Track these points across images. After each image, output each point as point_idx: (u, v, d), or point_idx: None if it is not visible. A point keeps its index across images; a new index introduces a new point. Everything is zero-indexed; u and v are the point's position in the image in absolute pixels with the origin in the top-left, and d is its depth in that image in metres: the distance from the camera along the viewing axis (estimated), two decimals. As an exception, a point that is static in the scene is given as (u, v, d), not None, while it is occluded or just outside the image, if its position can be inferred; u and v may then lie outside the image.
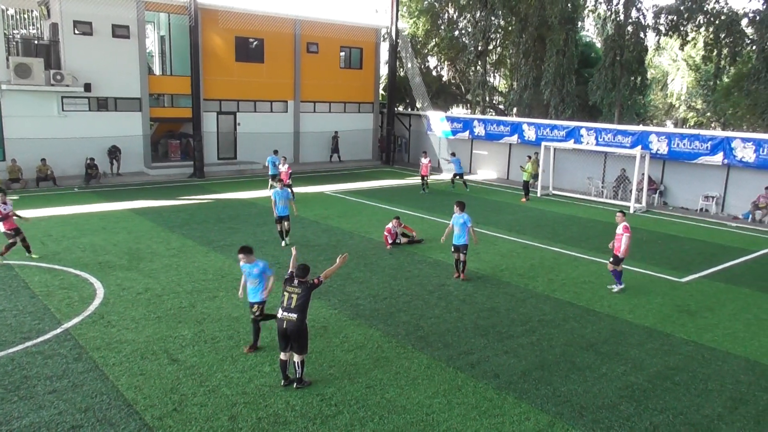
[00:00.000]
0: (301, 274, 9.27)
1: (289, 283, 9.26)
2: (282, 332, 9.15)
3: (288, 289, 9.19)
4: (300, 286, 9.19)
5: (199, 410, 8.68)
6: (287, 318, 9.06)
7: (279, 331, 9.20)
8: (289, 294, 9.14)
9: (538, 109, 43.80)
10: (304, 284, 9.22)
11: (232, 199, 25.57)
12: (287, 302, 9.10)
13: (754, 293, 14.86)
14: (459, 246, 14.95)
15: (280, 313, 9.13)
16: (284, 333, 9.13)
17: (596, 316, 12.91)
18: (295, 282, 9.21)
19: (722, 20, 36.21)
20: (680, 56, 56.12)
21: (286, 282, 9.34)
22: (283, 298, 9.17)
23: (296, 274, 9.30)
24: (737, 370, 10.48)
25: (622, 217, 14.71)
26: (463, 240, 14.90)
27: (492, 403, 9.12)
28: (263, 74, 35.52)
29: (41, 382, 9.32)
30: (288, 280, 9.33)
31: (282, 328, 9.11)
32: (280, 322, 9.12)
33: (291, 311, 9.08)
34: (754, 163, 24.39)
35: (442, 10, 50.64)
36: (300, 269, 9.30)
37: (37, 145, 28.04)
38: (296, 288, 9.16)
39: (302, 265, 9.37)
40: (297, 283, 9.19)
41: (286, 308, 9.10)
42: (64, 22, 28.61)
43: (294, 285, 9.19)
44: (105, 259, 16.09)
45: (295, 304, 9.07)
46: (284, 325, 9.07)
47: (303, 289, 9.17)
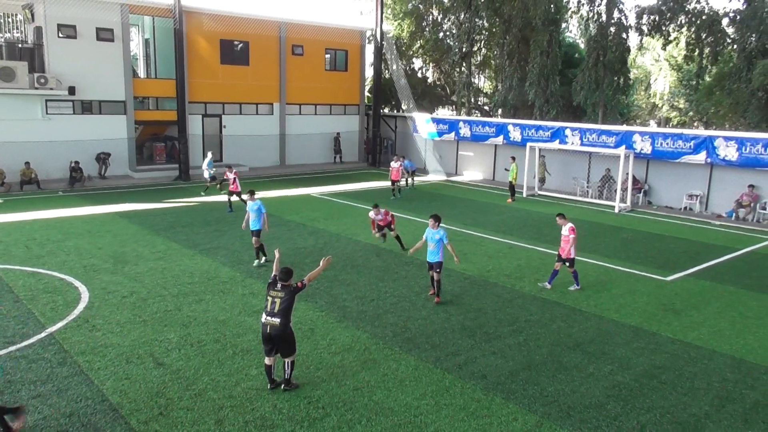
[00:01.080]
0: (284, 278, 9.14)
1: (273, 287, 9.11)
2: (266, 337, 9.02)
3: (271, 294, 9.04)
4: (283, 289, 9.04)
5: (185, 414, 8.62)
6: (271, 323, 8.91)
7: (263, 335, 9.07)
8: (272, 298, 8.98)
9: (523, 110, 43.97)
10: (288, 288, 9.08)
11: (218, 201, 25.44)
12: (270, 306, 8.95)
13: (739, 291, 14.97)
14: (432, 264, 13.53)
15: (264, 318, 8.97)
16: (268, 337, 9.01)
17: (583, 316, 12.96)
18: (278, 286, 9.07)
19: (703, 20, 36.52)
20: (662, 56, 56.59)
21: (269, 286, 9.20)
22: (267, 303, 9.01)
23: (279, 277, 9.18)
24: (723, 368, 10.55)
25: (563, 219, 14.71)
26: (437, 257, 13.41)
27: (480, 404, 9.13)
28: (248, 77, 35.42)
29: (25, 387, 9.23)
30: (271, 284, 9.18)
31: (266, 333, 8.98)
32: (264, 327, 8.98)
33: (274, 315, 8.92)
34: (736, 162, 24.59)
35: (427, 12, 50.71)
36: (283, 272, 9.17)
37: (21, 148, 27.81)
38: (279, 292, 9.00)
39: (285, 268, 9.25)
40: (280, 287, 9.05)
41: (270, 313, 8.94)
42: (48, 25, 28.41)
43: (277, 289, 9.04)
44: (90, 262, 15.97)
45: (278, 308, 8.92)
46: (268, 330, 8.94)
47: (286, 293, 9.01)
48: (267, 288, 9.18)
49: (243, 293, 13.85)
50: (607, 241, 20.02)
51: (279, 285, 9.04)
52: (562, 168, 30.80)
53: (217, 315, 12.45)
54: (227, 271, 15.57)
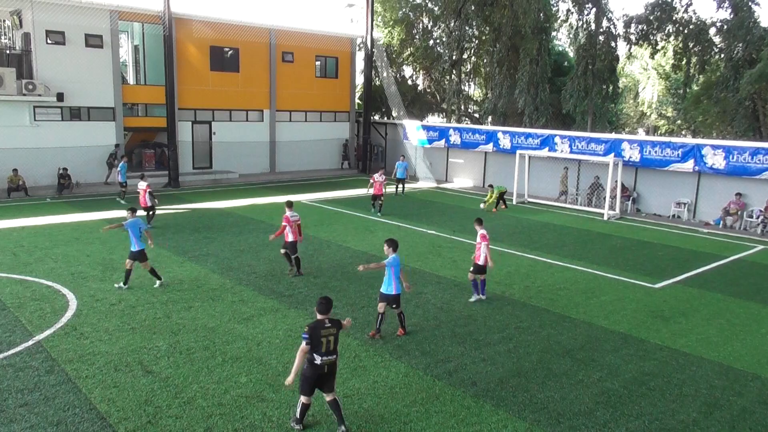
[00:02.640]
0: (328, 309, 8.55)
1: (321, 327, 8.32)
2: (317, 376, 8.38)
3: (323, 333, 8.28)
4: (333, 325, 8.47)
5: (174, 422, 8.57)
6: (329, 361, 8.38)
7: (317, 376, 8.36)
8: (326, 338, 8.31)
9: (512, 118, 44.15)
10: (335, 321, 8.56)
11: (208, 208, 25.39)
12: (326, 347, 8.31)
13: (727, 298, 15.06)
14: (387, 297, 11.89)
15: (320, 360, 8.27)
16: (320, 376, 8.39)
17: (572, 323, 13.00)
18: (327, 324, 8.40)
19: (691, 29, 36.87)
20: (651, 65, 56.99)
21: (316, 329, 8.26)
22: (322, 345, 8.25)
23: (320, 310, 8.48)
24: (711, 375, 10.60)
25: (479, 225, 14.33)
26: (390, 289, 11.79)
27: (470, 411, 9.13)
28: (238, 83, 35.41)
29: (12, 396, 9.15)
30: (317, 327, 8.30)
31: (323, 372, 8.36)
32: (321, 368, 8.32)
33: (332, 353, 8.41)
34: (724, 170, 24.77)
35: (417, 19, 50.90)
36: (325, 305, 8.54)
37: (8, 155, 27.65)
38: (331, 329, 8.39)
39: (326, 300, 8.61)
40: (330, 324, 8.43)
41: (327, 352, 8.33)
42: (37, 31, 28.30)
43: (327, 326, 8.37)
44: (78, 269, 15.87)
45: (333, 345, 8.41)
46: (326, 369, 8.37)
47: (336, 326, 8.49)
48: (313, 331, 8.21)
49: (232, 300, 13.80)
50: (596, 249, 20.10)
51: (327, 322, 8.43)
52: (551, 175, 30.90)
53: (206, 322, 12.40)
54: (216, 278, 15.52)
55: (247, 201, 27.43)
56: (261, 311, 13.14)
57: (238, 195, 28.97)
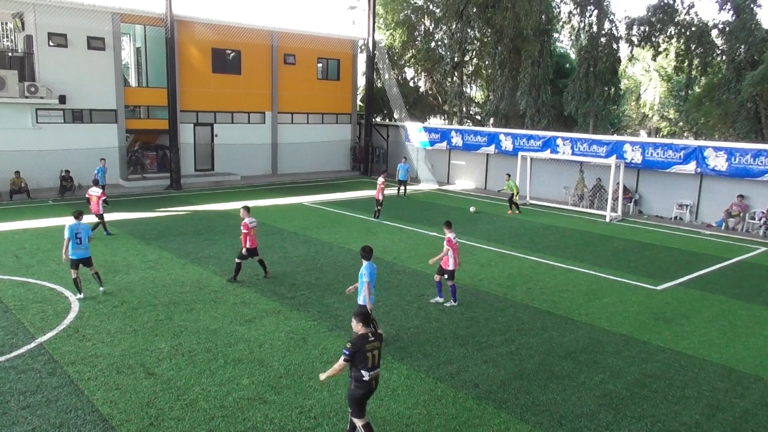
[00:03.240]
0: (369, 324, 8.09)
1: (365, 341, 7.87)
2: (369, 391, 7.99)
3: (368, 348, 7.86)
4: (377, 338, 8.07)
5: (176, 425, 8.57)
6: (376, 376, 8.01)
7: (365, 394, 7.96)
8: (371, 352, 7.89)
9: (514, 119, 44.15)
10: (377, 334, 8.16)
11: (210, 210, 25.40)
12: (372, 362, 7.89)
13: (729, 300, 15.04)
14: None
15: (368, 375, 7.82)
16: (371, 391, 8.03)
17: (574, 325, 12.98)
18: (370, 337, 7.95)
19: (693, 31, 36.83)
20: (652, 67, 56.91)
21: (360, 343, 7.83)
22: (368, 360, 7.82)
23: (362, 323, 8.02)
24: (714, 377, 10.59)
25: (447, 228, 13.97)
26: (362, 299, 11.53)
27: (472, 413, 9.12)
28: (240, 85, 35.43)
29: (14, 398, 9.15)
30: (361, 342, 7.85)
31: (372, 387, 7.98)
32: (370, 383, 7.90)
33: (377, 367, 8.00)
34: (726, 172, 24.75)
35: (419, 21, 50.94)
36: (366, 317, 8.09)
37: (11, 157, 27.68)
38: (375, 342, 7.97)
39: (364, 312, 8.20)
40: (374, 338, 8.00)
41: (374, 367, 7.92)
42: (39, 34, 28.34)
43: (371, 340, 7.94)
44: (80, 271, 15.84)
45: (378, 359, 8.03)
46: (374, 384, 8.00)
47: (379, 340, 8.09)
48: (357, 347, 7.77)
49: (234, 302, 13.80)
50: (598, 251, 20.09)
51: (370, 336, 8.00)
52: (553, 177, 30.88)
53: (208, 324, 12.40)
54: (218, 280, 15.52)
55: (249, 203, 27.19)
56: (263, 313, 13.14)
57: (240, 197, 28.95)
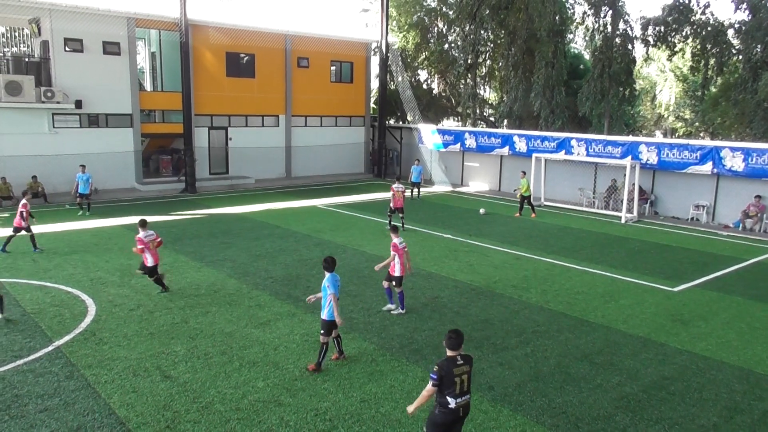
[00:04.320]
0: (458, 346, 7.32)
1: (453, 365, 7.19)
2: (453, 420, 7.34)
3: (456, 372, 7.18)
4: (466, 362, 7.37)
5: (192, 427, 8.61)
6: (464, 403, 7.32)
7: (447, 422, 7.31)
8: (459, 377, 7.21)
9: (528, 121, 44.02)
10: (467, 357, 7.43)
11: (225, 213, 25.51)
12: (460, 387, 7.23)
13: (747, 302, 14.91)
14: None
15: (454, 402, 7.17)
16: (456, 420, 7.38)
17: (590, 327, 12.91)
18: (459, 361, 7.28)
19: (709, 31, 36.60)
20: (668, 67, 56.62)
21: (446, 367, 7.15)
22: (455, 386, 7.16)
23: (451, 345, 7.31)
24: (731, 379, 10.49)
25: (392, 233, 13.51)
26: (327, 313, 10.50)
27: (487, 415, 9.09)
28: (254, 89, 35.57)
29: (32, 401, 9.23)
30: (449, 366, 7.17)
31: (458, 416, 7.33)
32: (456, 411, 7.26)
33: (466, 393, 7.33)
34: (743, 172, 24.54)
35: (432, 24, 50.94)
36: (456, 339, 7.30)
37: (28, 162, 27.92)
38: (464, 366, 7.30)
39: (456, 334, 7.34)
40: (462, 361, 7.32)
41: (461, 393, 7.24)
42: (55, 39, 28.57)
43: (460, 364, 7.26)
44: (97, 275, 16.00)
45: (467, 385, 7.35)
46: (461, 412, 7.34)
47: (468, 363, 7.40)
48: (444, 370, 7.10)
49: (249, 305, 13.84)
50: (614, 252, 19.97)
51: (460, 359, 7.31)
52: (567, 179, 30.75)
53: (223, 327, 12.45)
54: (233, 283, 15.58)
55: (264, 206, 27.53)
56: (278, 316, 13.17)
57: (255, 200, 29.08)
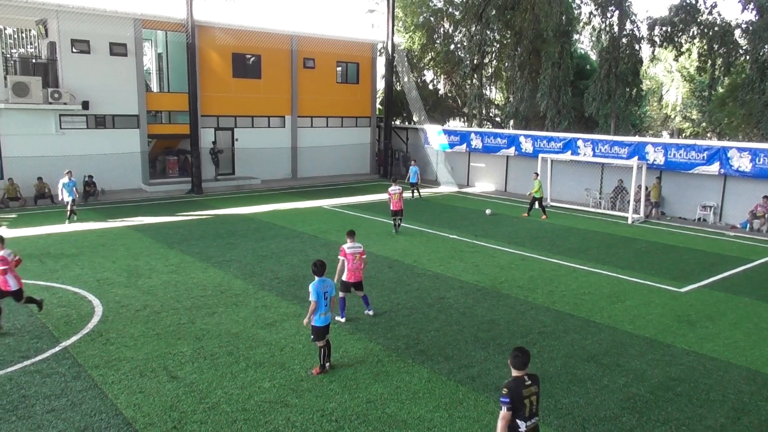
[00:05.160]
0: (525, 365, 6.84)
1: (522, 386, 6.72)
2: None
3: (525, 393, 6.72)
4: (534, 382, 6.88)
5: (199, 428, 8.62)
6: (533, 426, 6.82)
7: None
8: (529, 398, 6.74)
9: (534, 121, 43.94)
10: (534, 377, 6.94)
11: (231, 214, 25.55)
12: (530, 410, 6.76)
13: (754, 302, 14.84)
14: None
15: (524, 426, 6.70)
16: None
17: (596, 328, 12.88)
18: (527, 381, 6.81)
19: (716, 31, 36.41)
20: (675, 67, 56.42)
21: (515, 388, 6.66)
22: (524, 409, 6.69)
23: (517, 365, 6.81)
24: (739, 380, 10.45)
25: (347, 237, 13.06)
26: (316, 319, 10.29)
27: (494, 416, 9.05)
28: (260, 90, 35.63)
29: (40, 402, 9.26)
30: (518, 387, 6.69)
31: None
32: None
33: (535, 415, 6.86)
34: (750, 173, 24.44)
35: (438, 24, 50.89)
36: (522, 358, 6.82)
37: (35, 163, 28.04)
38: (532, 387, 6.82)
39: (522, 352, 6.86)
40: (530, 381, 6.84)
41: (531, 415, 6.77)
42: (62, 40, 28.70)
43: (528, 384, 6.79)
44: (103, 276, 16.05)
45: (536, 406, 6.87)
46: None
47: (536, 383, 6.90)
48: (514, 393, 6.61)
49: (256, 306, 13.86)
50: (621, 253, 19.92)
51: (528, 379, 6.82)
52: (573, 179, 30.69)
53: (230, 328, 12.47)
54: (240, 283, 15.60)
55: (270, 207, 27.57)
56: (284, 316, 13.18)
57: (261, 201, 29.12)
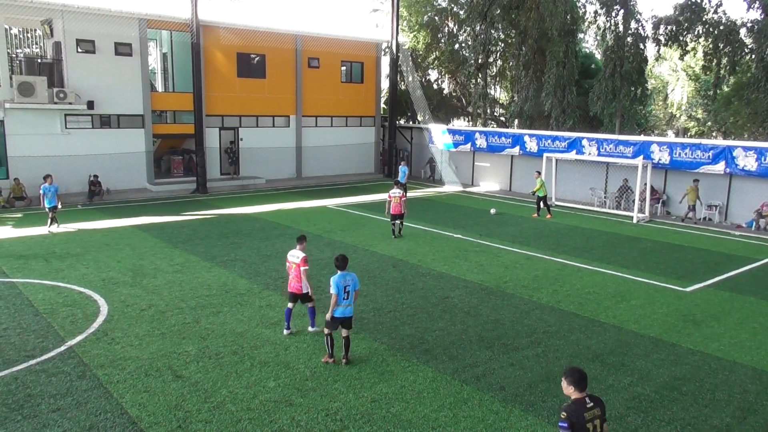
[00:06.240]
0: (585, 386, 6.11)
1: (583, 409, 5.98)
2: None
3: (587, 417, 5.95)
4: (596, 403, 6.11)
5: (203, 427, 8.64)
6: None
7: None
8: (592, 422, 5.98)
9: (539, 121, 43.89)
10: (597, 399, 6.19)
11: (235, 214, 25.58)
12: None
13: (760, 302, 14.80)
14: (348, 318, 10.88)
15: None
16: None
17: (601, 327, 12.86)
18: (589, 403, 6.04)
19: (721, 30, 36.32)
20: (680, 66, 56.29)
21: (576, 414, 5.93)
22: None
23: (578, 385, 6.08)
24: (745, 380, 10.42)
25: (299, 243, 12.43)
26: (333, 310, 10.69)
27: (498, 416, 9.06)
28: (265, 89, 35.65)
29: (45, 401, 9.29)
30: (578, 410, 5.96)
31: None
32: None
33: None
34: (756, 172, 24.37)
35: (442, 23, 50.88)
36: (580, 378, 6.08)
37: (40, 162, 28.07)
38: (595, 409, 6.04)
39: (579, 373, 6.12)
40: (592, 403, 6.07)
41: None
42: (67, 40, 28.75)
43: (590, 406, 6.02)
44: (109, 275, 16.08)
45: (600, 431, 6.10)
46: None
47: (600, 406, 6.13)
48: (575, 415, 5.91)
49: (260, 305, 13.87)
50: (626, 252, 19.88)
51: (589, 401, 6.07)
52: (578, 178, 30.63)
53: (234, 327, 12.48)
54: (244, 283, 15.61)
55: (274, 206, 27.60)
56: (288, 316, 13.20)
57: (265, 200, 29.16)
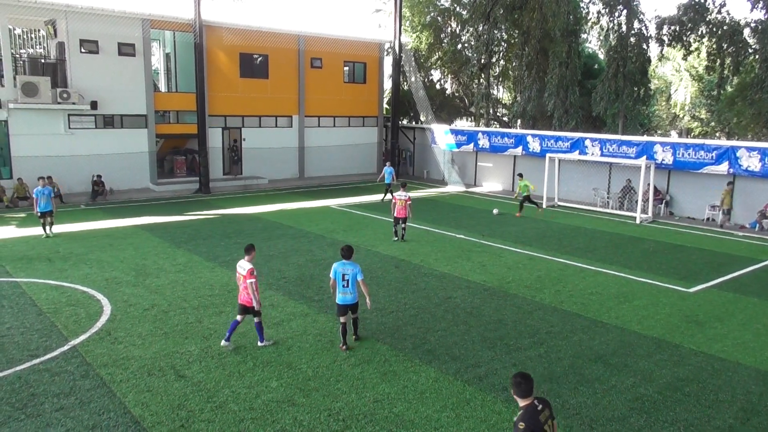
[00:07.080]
0: (531, 391, 6.02)
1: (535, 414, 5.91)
2: None
3: (542, 419, 5.94)
4: (545, 405, 6.08)
5: (206, 426, 8.64)
6: None
7: None
8: (546, 423, 5.98)
9: (542, 121, 43.88)
10: (544, 401, 6.14)
11: (238, 214, 25.60)
12: None
13: (763, 303, 14.76)
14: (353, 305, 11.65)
15: None
16: None
17: (604, 328, 12.84)
18: (539, 406, 6.00)
19: (724, 30, 36.30)
20: (683, 66, 56.22)
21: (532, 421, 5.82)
22: None
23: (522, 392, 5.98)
24: (748, 381, 10.40)
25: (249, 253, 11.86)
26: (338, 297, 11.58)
27: (501, 416, 9.06)
28: (268, 90, 35.68)
29: (48, 400, 9.30)
30: (533, 416, 5.87)
31: None
32: None
33: None
34: (759, 173, 24.31)
35: (445, 24, 50.88)
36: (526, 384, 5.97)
37: (44, 162, 28.14)
38: (545, 411, 6.05)
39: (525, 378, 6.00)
40: (542, 405, 6.03)
41: None
42: (71, 41, 28.80)
43: (540, 409, 5.99)
44: (112, 275, 16.10)
45: (555, 430, 6.18)
46: None
47: (548, 407, 6.13)
48: (531, 422, 5.83)
49: (263, 305, 13.85)
50: (629, 253, 19.85)
51: (538, 403, 6.04)
52: (581, 179, 30.60)
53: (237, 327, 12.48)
54: (247, 283, 15.60)
55: (277, 206, 27.61)
56: (291, 316, 13.20)
57: (268, 201, 29.17)
